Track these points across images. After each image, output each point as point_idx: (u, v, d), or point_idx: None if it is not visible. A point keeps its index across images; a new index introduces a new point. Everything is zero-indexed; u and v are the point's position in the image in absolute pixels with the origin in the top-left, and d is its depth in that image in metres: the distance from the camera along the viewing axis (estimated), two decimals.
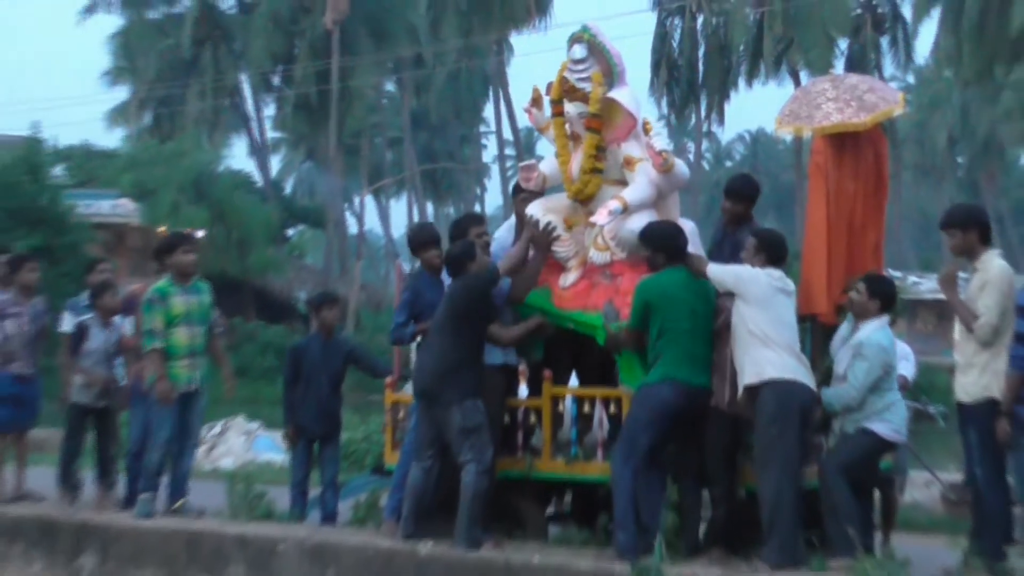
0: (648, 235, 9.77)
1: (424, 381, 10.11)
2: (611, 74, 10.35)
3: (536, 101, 10.75)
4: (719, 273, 9.47)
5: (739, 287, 9.34)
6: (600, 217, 9.98)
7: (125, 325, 12.04)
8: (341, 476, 12.02)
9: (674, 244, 9.75)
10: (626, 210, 9.95)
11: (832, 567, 9.01)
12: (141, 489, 11.53)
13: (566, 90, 10.44)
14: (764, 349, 9.22)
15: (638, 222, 10.01)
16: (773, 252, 9.61)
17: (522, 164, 11.13)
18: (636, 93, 10.70)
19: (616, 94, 10.19)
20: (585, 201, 10.44)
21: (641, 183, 10.13)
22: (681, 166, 10.30)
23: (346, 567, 10.15)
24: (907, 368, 11.33)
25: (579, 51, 10.35)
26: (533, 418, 10.76)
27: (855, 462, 9.33)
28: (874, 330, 9.44)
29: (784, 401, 9.15)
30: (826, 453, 9.60)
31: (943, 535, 11.00)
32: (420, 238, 11.09)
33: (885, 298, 9.55)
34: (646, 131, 10.27)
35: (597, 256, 10.42)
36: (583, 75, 10.31)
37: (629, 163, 10.22)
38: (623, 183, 10.32)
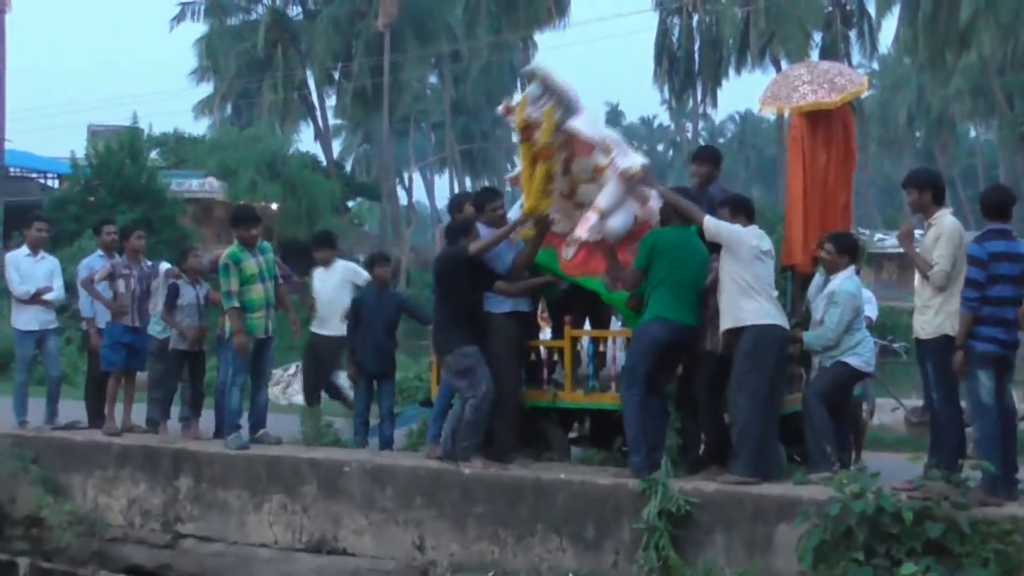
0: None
1: (432, 337, 10.53)
2: (566, 105, 10.10)
3: (508, 111, 10.57)
4: (715, 226, 9.43)
5: (731, 242, 9.34)
6: (582, 232, 9.89)
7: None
8: (396, 408, 12.05)
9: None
10: (603, 217, 9.88)
11: (812, 480, 9.04)
12: (226, 425, 11.59)
13: (529, 123, 10.29)
14: (745, 298, 9.27)
15: (617, 219, 9.96)
16: (747, 210, 9.70)
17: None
18: (596, 114, 10.74)
19: (574, 122, 10.03)
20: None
21: (611, 187, 10.01)
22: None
23: (401, 485, 10.18)
24: (871, 310, 11.34)
25: (534, 89, 10.17)
26: (556, 356, 10.80)
27: (832, 389, 9.45)
28: (844, 280, 9.53)
29: (758, 342, 9.24)
30: (807, 383, 9.60)
31: (907, 452, 10.95)
32: (455, 202, 11.62)
33: (851, 252, 9.67)
34: (607, 152, 10.00)
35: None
36: (539, 110, 10.12)
37: (599, 171, 10.07)
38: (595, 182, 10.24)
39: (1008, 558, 7.90)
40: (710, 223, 9.46)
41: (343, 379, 12.65)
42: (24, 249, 12.94)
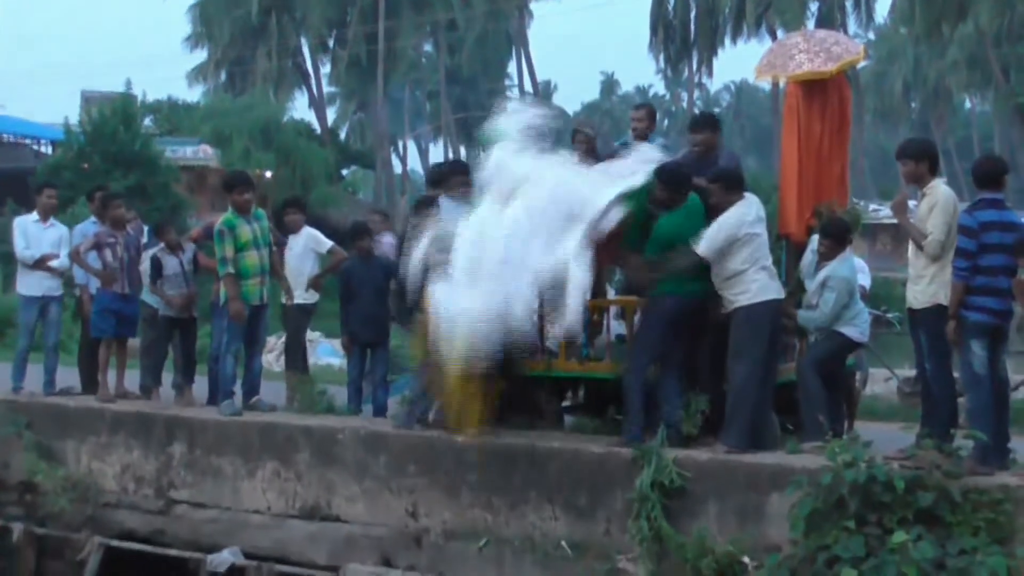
0: (667, 178, 9.62)
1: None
2: None
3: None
4: (712, 247, 9.32)
5: (728, 244, 9.30)
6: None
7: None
8: (390, 376, 12.04)
9: (688, 184, 9.64)
10: None
11: (805, 449, 9.06)
12: (220, 392, 11.61)
13: None
14: (744, 279, 9.28)
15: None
16: (740, 183, 9.63)
17: None
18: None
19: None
20: None
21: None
22: None
23: (394, 453, 10.18)
24: (864, 279, 11.32)
25: None
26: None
27: (826, 359, 9.49)
28: (838, 264, 9.52)
29: (755, 319, 9.25)
30: (800, 353, 9.62)
31: (899, 422, 11.02)
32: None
33: (844, 240, 9.62)
34: None
35: None
36: None
37: None
38: None
39: (999, 527, 7.92)
40: (706, 251, 9.34)
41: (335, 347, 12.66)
42: (34, 215, 12.96)
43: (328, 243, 12.32)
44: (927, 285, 8.85)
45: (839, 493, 8.14)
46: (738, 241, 9.29)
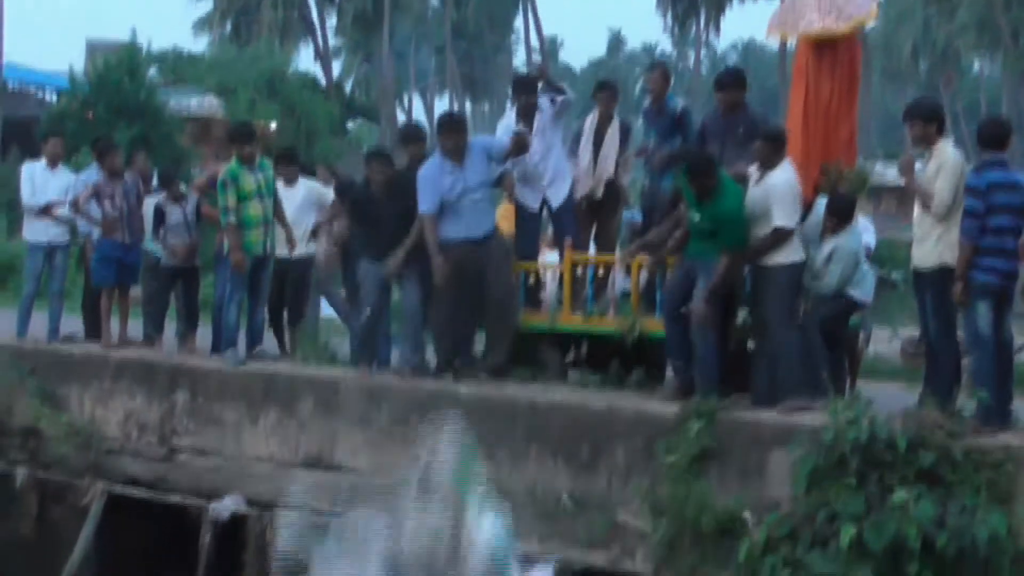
0: (695, 169, 9.41)
1: None
2: None
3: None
4: (794, 218, 9.37)
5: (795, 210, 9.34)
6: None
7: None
8: (393, 328, 12.02)
9: (713, 162, 9.49)
10: None
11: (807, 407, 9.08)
12: (223, 341, 11.66)
13: None
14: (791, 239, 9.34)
15: None
16: (783, 144, 9.56)
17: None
18: None
19: None
20: None
21: None
22: None
23: (397, 403, 10.22)
24: (869, 238, 11.30)
25: None
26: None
27: (831, 320, 9.52)
28: (845, 237, 9.55)
29: (793, 279, 9.36)
30: (804, 313, 9.61)
31: (902, 382, 11.04)
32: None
33: (849, 217, 9.63)
34: None
35: None
36: None
37: None
38: None
39: (1000, 487, 7.95)
40: (790, 221, 9.33)
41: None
42: (41, 162, 12.95)
43: (331, 195, 12.30)
44: (933, 246, 8.86)
45: (841, 451, 8.19)
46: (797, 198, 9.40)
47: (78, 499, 11.51)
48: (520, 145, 10.49)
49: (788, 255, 9.30)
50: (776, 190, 9.29)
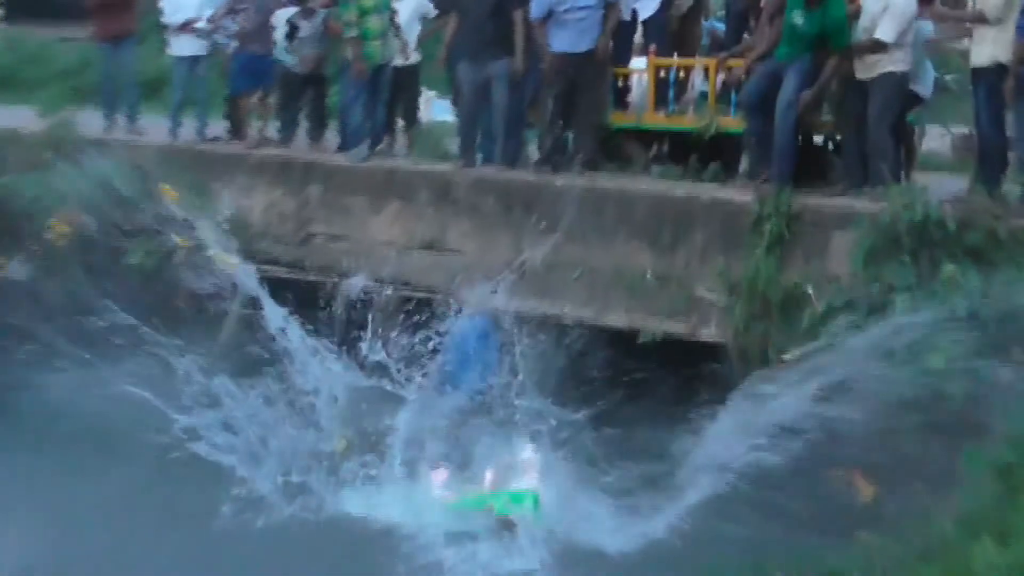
0: None
1: None
2: None
3: None
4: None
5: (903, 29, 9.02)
6: None
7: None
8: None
9: None
10: None
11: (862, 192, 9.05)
12: (349, 139, 11.71)
13: None
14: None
15: None
16: None
17: None
18: None
19: None
20: None
21: None
22: None
23: (502, 194, 10.27)
24: (927, 26, 10.86)
25: None
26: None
27: (893, 111, 9.19)
28: None
29: (898, 86, 9.14)
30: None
31: (953, 174, 10.88)
32: None
33: None
34: None
35: None
36: None
37: None
38: None
39: None
40: (887, 38, 8.95)
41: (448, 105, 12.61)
42: None
43: (433, 9, 12.18)
44: (990, 46, 8.61)
45: (896, 232, 8.18)
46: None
47: (228, 277, 11.47)
48: None
49: (896, 64, 8.99)
50: (894, 6, 8.96)
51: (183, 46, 12.82)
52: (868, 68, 9.02)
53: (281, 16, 12.30)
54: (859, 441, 7.68)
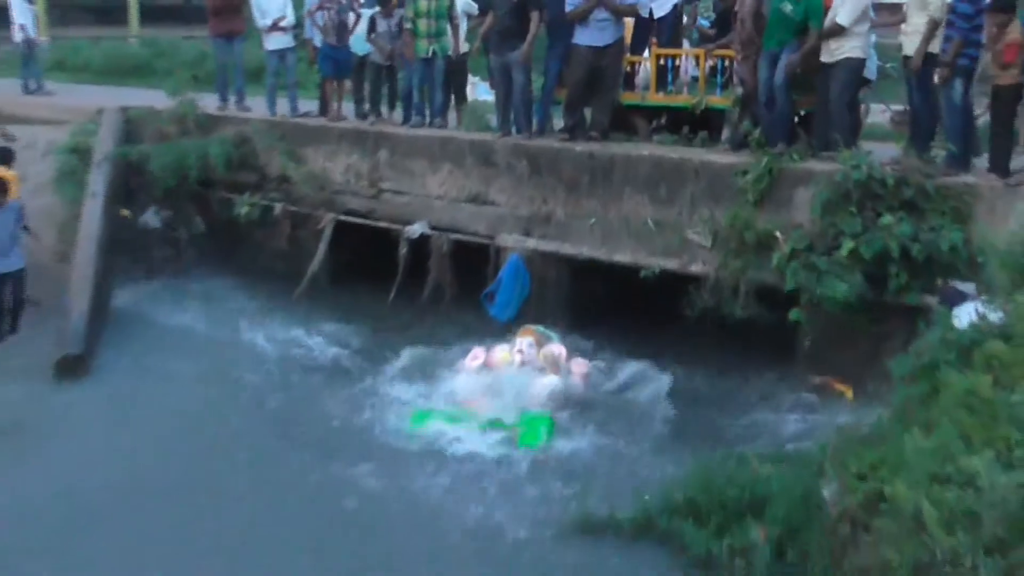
0: None
1: None
2: None
3: None
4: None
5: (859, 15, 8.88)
6: None
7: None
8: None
9: None
10: None
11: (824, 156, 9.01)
12: (411, 115, 11.75)
13: None
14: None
15: None
16: None
17: None
18: None
19: None
20: None
21: None
22: None
23: (532, 158, 10.25)
24: (872, 63, 10.72)
25: None
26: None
27: (849, 90, 9.10)
28: None
29: (855, 69, 9.00)
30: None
31: (891, 143, 10.86)
32: None
33: None
34: None
35: None
36: None
37: None
38: None
39: (960, 212, 7.99)
40: (843, 22, 8.76)
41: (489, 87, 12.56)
42: None
43: (476, 8, 12.13)
44: (921, 39, 8.58)
45: (847, 188, 8.22)
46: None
47: (316, 224, 11.74)
48: None
49: (855, 51, 8.85)
50: None
51: (273, 41, 12.77)
52: (831, 53, 8.94)
53: (365, 13, 12.27)
54: None
